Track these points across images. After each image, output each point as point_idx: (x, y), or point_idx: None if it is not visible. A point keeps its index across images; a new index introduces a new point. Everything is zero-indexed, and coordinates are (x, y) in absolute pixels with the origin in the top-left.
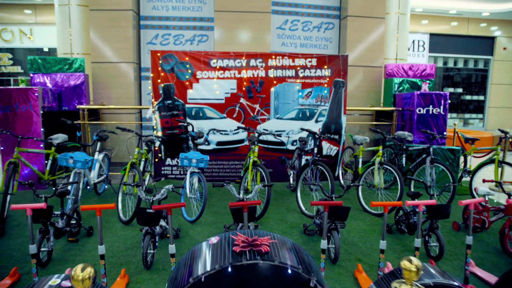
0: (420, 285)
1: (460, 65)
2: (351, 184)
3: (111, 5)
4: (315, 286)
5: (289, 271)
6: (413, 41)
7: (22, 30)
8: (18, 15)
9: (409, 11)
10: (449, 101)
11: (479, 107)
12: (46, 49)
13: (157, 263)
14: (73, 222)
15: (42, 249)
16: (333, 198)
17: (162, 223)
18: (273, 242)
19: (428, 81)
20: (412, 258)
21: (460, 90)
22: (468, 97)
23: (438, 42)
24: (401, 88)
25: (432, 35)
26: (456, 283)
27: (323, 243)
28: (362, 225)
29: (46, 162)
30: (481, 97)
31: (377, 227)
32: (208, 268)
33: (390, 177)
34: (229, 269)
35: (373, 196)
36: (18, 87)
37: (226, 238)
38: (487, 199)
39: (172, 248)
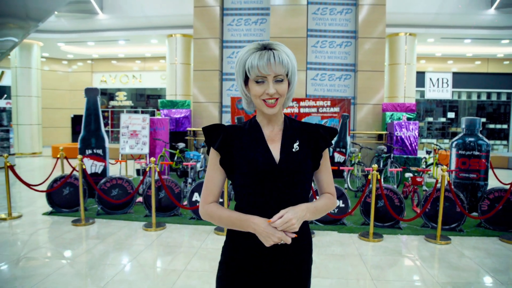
0: None
1: (483, 98)
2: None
3: (205, 67)
4: None
5: None
6: (438, 79)
7: (134, 75)
8: (132, 64)
9: (415, 61)
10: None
11: (504, 135)
12: (149, 88)
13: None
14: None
15: (185, 190)
16: None
17: None
18: None
19: (406, 114)
20: None
21: (483, 120)
22: (491, 126)
23: (461, 79)
24: (391, 118)
25: (455, 73)
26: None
27: None
28: None
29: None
30: (505, 126)
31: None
32: None
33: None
34: None
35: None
36: (156, 117)
37: None
38: (409, 180)
39: None
